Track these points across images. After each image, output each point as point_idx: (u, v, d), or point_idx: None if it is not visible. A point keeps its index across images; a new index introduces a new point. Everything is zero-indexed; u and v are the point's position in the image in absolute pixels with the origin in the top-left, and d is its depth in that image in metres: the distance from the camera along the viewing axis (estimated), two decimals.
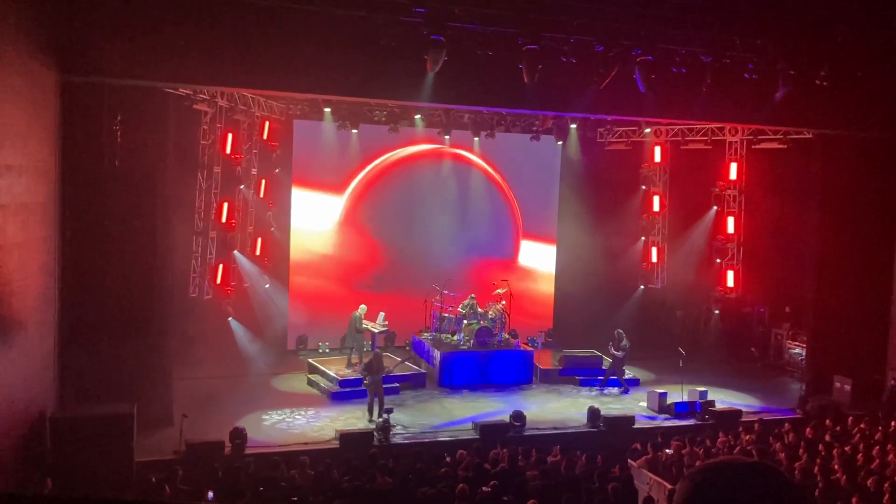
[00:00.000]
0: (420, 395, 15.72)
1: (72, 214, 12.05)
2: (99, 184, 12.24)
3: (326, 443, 12.52)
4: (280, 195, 18.77)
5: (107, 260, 12.50)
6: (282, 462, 10.59)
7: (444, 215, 19.62)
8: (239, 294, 17.78)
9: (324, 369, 16.27)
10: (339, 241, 19.14)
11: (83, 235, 12.28)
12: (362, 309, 16.47)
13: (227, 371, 16.48)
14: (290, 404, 14.78)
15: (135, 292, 12.81)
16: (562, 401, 15.82)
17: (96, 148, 12.13)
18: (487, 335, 16.94)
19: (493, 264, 20.07)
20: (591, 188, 20.26)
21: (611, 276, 20.45)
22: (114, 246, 12.54)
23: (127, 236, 12.65)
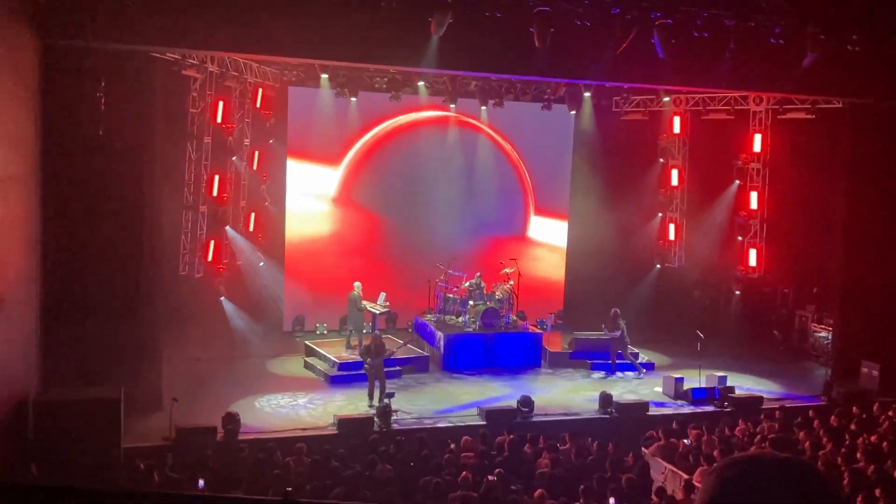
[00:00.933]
0: (423, 379, 15.76)
1: (54, 187, 12.02)
2: (82, 154, 12.17)
3: (324, 429, 12.59)
4: (274, 167, 18.74)
5: (92, 236, 12.48)
6: (277, 449, 10.65)
7: (449, 189, 19.56)
8: (232, 272, 17.79)
9: (322, 352, 16.32)
10: (337, 216, 19.13)
11: (66, 210, 12.25)
12: (358, 287, 16.49)
13: (219, 353, 16.46)
14: (287, 388, 14.83)
15: (122, 270, 12.80)
16: (572, 385, 15.88)
17: (79, 116, 12.04)
18: (494, 317, 16.96)
19: (500, 242, 20.05)
20: (605, 161, 20.15)
21: (625, 254, 20.40)
22: (99, 221, 12.51)
23: (113, 211, 12.60)
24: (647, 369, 16.73)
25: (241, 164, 18.12)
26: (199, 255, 17.01)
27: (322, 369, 15.75)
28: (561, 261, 20.86)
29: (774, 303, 19.74)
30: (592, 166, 20.25)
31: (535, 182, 20.45)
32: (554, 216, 20.68)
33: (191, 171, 16.68)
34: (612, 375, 16.48)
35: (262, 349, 17.11)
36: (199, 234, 17.08)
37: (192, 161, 16.66)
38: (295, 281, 18.79)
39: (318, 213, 18.95)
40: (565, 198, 20.70)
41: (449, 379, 15.97)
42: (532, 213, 20.58)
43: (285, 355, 17.06)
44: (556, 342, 17.94)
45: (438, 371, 16.35)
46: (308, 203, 18.83)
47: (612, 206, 20.14)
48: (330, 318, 18.81)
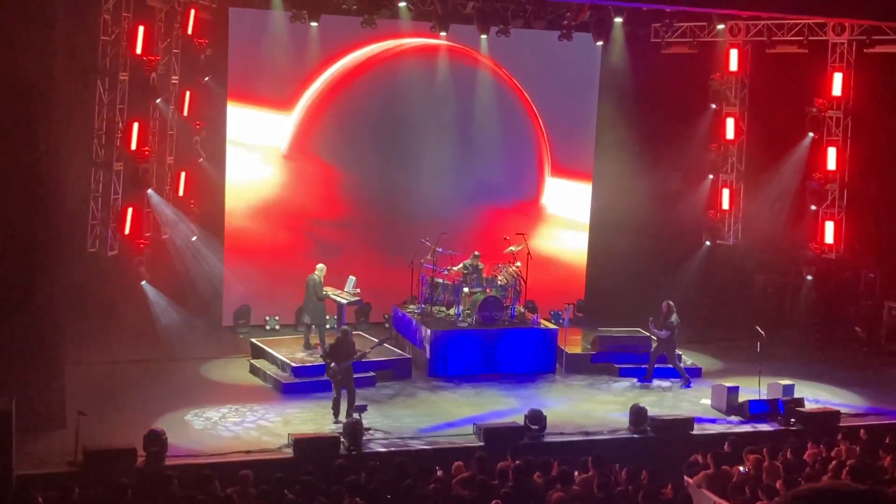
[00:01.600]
0: (404, 388, 15.93)
1: None
2: None
3: (276, 451, 12.72)
4: (211, 113, 18.68)
5: None
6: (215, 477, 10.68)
7: (438, 142, 19.57)
8: (155, 249, 17.78)
9: (272, 352, 16.38)
10: (292, 177, 19.11)
11: None
12: (321, 270, 16.50)
13: (139, 354, 16.56)
14: (227, 399, 14.92)
15: (11, 247, 12.75)
16: (595, 397, 16.00)
17: None
18: (496, 308, 16.99)
19: (505, 211, 20.09)
20: (640, 107, 20.15)
21: (665, 227, 20.46)
22: None
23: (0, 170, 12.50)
24: (692, 376, 16.87)
25: (168, 109, 18.03)
26: (112, 226, 16.96)
27: (273, 375, 15.80)
28: (583, 236, 20.92)
29: (857, 291, 19.82)
30: (624, 114, 20.26)
31: (550, 134, 20.45)
32: (575, 178, 20.73)
33: (102, 117, 16.57)
34: (648, 384, 16.63)
35: (195, 349, 17.16)
36: (114, 200, 17.00)
37: (105, 105, 16.55)
38: (238, 261, 18.81)
39: (267, 172, 18.93)
40: (589, 155, 20.71)
41: (437, 388, 16.11)
42: (547, 174, 20.63)
43: (225, 357, 17.18)
44: (574, 341, 18.03)
45: (423, 378, 16.53)
46: (255, 160, 18.81)
47: (649, 166, 20.17)
48: (283, 309, 18.85)
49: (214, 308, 18.79)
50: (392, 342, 17.12)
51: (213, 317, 18.70)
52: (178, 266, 18.26)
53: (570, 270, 20.81)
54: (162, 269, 17.81)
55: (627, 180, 20.13)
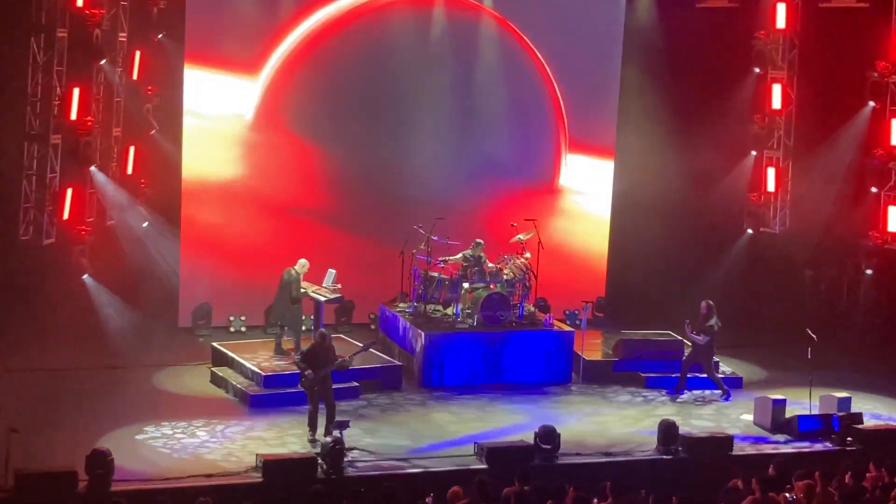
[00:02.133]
0: (393, 401, 15.95)
1: None
2: None
3: (242, 475, 12.67)
4: (166, 77, 18.66)
5: None
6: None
7: (434, 112, 19.53)
8: (100, 237, 17.79)
9: (238, 358, 16.36)
10: (261, 154, 19.11)
11: None
12: (302, 266, 16.48)
13: (80, 360, 16.53)
14: (185, 413, 14.86)
15: None
16: (618, 411, 16.02)
17: None
18: (501, 307, 17.01)
19: (512, 193, 20.04)
20: (671, 71, 20.10)
21: (700, 213, 20.44)
22: None
23: None
24: (731, 387, 16.86)
25: (115, 72, 17.96)
26: (49, 210, 16.89)
27: (238, 385, 15.77)
28: (603, 223, 20.89)
29: None
30: (652, 80, 20.24)
31: (566, 102, 20.42)
32: (594, 154, 20.74)
33: (36, 81, 16.50)
34: (679, 396, 16.66)
35: (146, 354, 17.15)
36: (50, 180, 16.94)
37: (39, 67, 16.46)
38: (197, 251, 18.80)
39: (231, 147, 18.94)
40: (611, 127, 20.69)
41: (432, 400, 16.13)
42: (563, 149, 20.61)
43: (182, 364, 17.17)
44: (594, 345, 18.06)
45: (416, 388, 16.56)
46: (217, 133, 18.79)
47: (682, 141, 20.15)
48: (250, 307, 18.87)
49: (169, 306, 18.77)
50: (379, 347, 17.08)
51: (167, 317, 18.68)
52: (127, 257, 18.29)
53: (588, 262, 20.77)
54: (107, 261, 17.79)
55: (656, 158, 20.14)
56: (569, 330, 17.80)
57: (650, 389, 16.88)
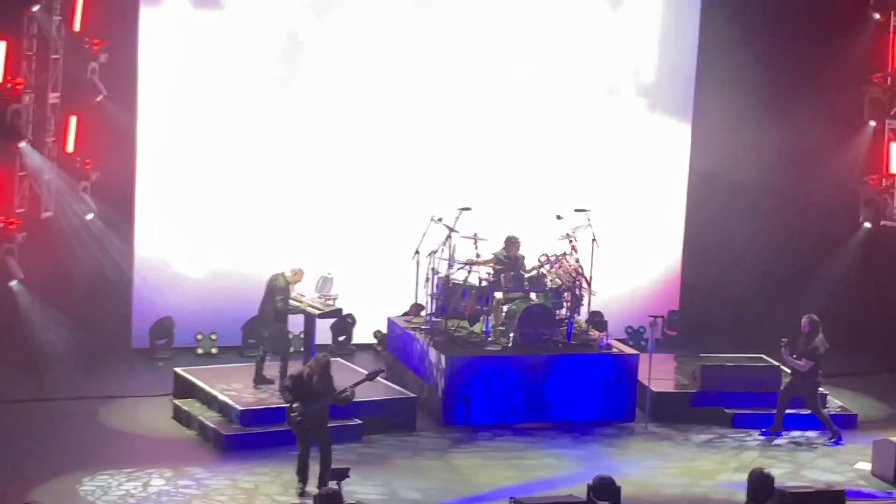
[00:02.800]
0: (406, 444, 15.91)
1: None
2: None
3: None
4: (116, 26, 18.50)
5: None
6: None
7: (454, 62, 19.65)
8: (33, 233, 17.64)
9: (207, 388, 16.31)
10: (239, 121, 19.20)
11: None
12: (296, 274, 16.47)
13: (9, 390, 16.53)
14: (139, 458, 14.86)
15: None
16: (696, 457, 15.98)
17: None
18: (544, 323, 16.90)
19: (557, 174, 20.03)
20: (766, 18, 20.09)
21: (801, 201, 20.46)
22: None
23: None
24: (843, 427, 16.72)
25: (51, 22, 17.78)
26: None
27: (208, 422, 15.69)
28: (677, 214, 20.94)
29: None
30: (741, 29, 20.16)
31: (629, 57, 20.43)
32: (665, 116, 20.76)
33: None
34: (776, 437, 16.54)
35: (91, 383, 17.20)
36: None
37: None
38: (156, 250, 18.94)
39: (201, 114, 19.04)
40: (687, 91, 20.71)
41: (455, 444, 16.09)
42: (626, 111, 20.56)
43: (136, 395, 17.22)
44: (665, 372, 17.97)
45: (435, 427, 16.57)
46: (182, 97, 18.93)
47: (777, 109, 20.15)
48: (223, 323, 18.95)
49: (121, 322, 18.82)
50: (387, 374, 16.93)
51: (118, 335, 18.72)
52: (66, 258, 18.21)
53: (656, 266, 20.79)
54: (42, 263, 17.75)
55: (743, 130, 20.13)
56: (632, 353, 17.62)
57: (737, 430, 16.78)
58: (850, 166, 20.76)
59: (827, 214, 20.65)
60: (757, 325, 18.67)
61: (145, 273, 18.86)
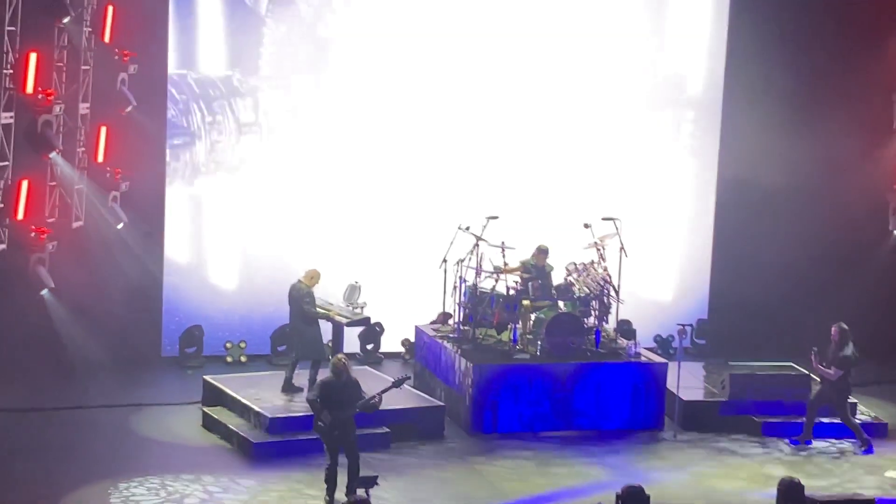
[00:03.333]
0: (434, 451, 15.96)
1: None
2: None
3: None
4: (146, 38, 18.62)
5: None
6: None
7: (479, 65, 19.67)
8: (64, 242, 17.65)
9: (237, 396, 16.35)
10: (267, 130, 19.35)
11: None
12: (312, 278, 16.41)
13: (40, 399, 16.67)
14: (169, 466, 14.84)
15: None
16: (725, 465, 15.96)
17: None
18: (572, 331, 16.92)
19: (586, 180, 20.07)
20: (797, 22, 20.05)
21: (832, 209, 20.37)
22: None
23: None
24: (873, 435, 16.71)
25: (81, 33, 17.91)
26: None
27: (237, 430, 15.75)
28: (705, 221, 20.91)
29: None
30: (771, 33, 20.13)
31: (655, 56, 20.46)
32: (693, 123, 20.79)
33: None
34: (806, 446, 16.52)
35: (122, 391, 17.25)
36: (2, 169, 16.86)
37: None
38: (186, 259, 19.09)
39: (231, 126, 19.19)
40: (716, 90, 20.69)
41: (483, 452, 16.06)
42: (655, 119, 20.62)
43: (166, 403, 17.28)
44: (693, 381, 17.88)
45: (463, 436, 16.58)
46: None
47: (808, 116, 20.06)
48: (252, 331, 19.06)
49: (151, 330, 18.91)
50: (414, 382, 17.01)
51: (148, 343, 18.81)
52: (97, 268, 18.29)
53: (685, 274, 20.79)
54: (72, 273, 17.77)
55: (773, 137, 19.96)
56: (661, 361, 17.62)
57: (767, 438, 16.76)
58: (880, 174, 20.74)
59: (856, 222, 20.62)
60: (786, 334, 18.64)
61: (175, 282, 18.95)
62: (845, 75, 20.35)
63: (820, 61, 20.25)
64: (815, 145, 20.04)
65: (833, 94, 20.24)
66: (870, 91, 20.48)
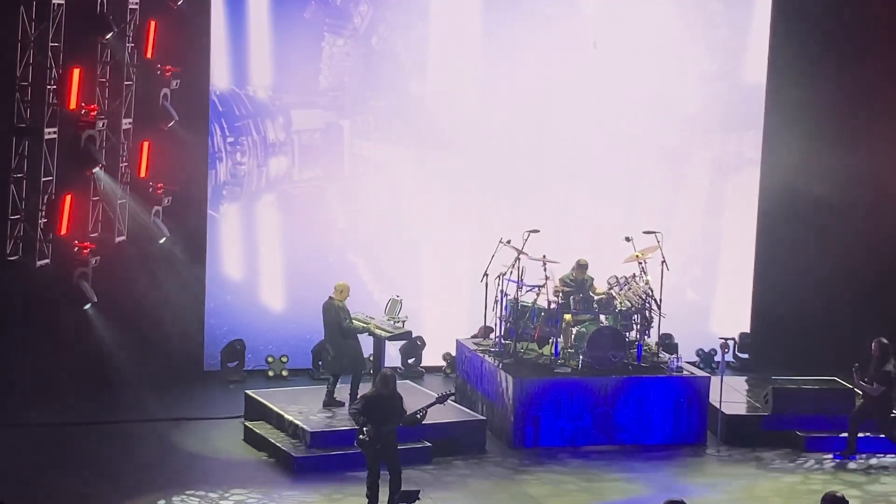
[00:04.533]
0: (476, 465, 15.98)
1: None
2: None
3: None
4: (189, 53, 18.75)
5: None
6: None
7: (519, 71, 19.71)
8: (107, 257, 17.67)
9: (278, 411, 16.37)
10: (312, 149, 19.44)
11: None
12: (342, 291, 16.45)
13: (81, 413, 16.77)
14: (212, 481, 14.95)
15: None
16: (768, 481, 15.87)
17: None
18: (614, 345, 16.91)
19: (626, 196, 20.13)
20: (842, 29, 19.98)
21: (877, 221, 20.28)
22: None
23: None
24: None
25: (124, 50, 17.99)
26: (43, 223, 16.89)
27: (279, 445, 15.79)
28: (748, 232, 20.81)
29: None
30: (814, 39, 20.09)
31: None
32: (735, 135, 20.75)
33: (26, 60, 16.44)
34: (850, 461, 16.43)
35: (164, 405, 17.34)
36: (45, 184, 16.94)
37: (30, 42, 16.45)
38: (228, 274, 19.20)
39: (274, 139, 19.31)
40: (758, 106, 20.59)
41: (525, 466, 16.07)
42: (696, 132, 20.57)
43: (208, 417, 17.38)
44: (736, 396, 17.88)
45: (504, 450, 16.55)
46: (255, 119, 19.24)
47: (849, 127, 20.00)
48: (294, 345, 19.15)
49: (193, 345, 19.00)
50: (456, 397, 16.97)
51: (190, 357, 18.89)
52: (139, 282, 18.38)
53: (728, 287, 20.70)
54: (115, 287, 17.86)
55: (815, 149, 19.92)
56: (703, 375, 17.58)
57: (810, 453, 16.70)
58: None
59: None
60: (830, 347, 18.51)
61: (216, 295, 19.06)
62: (889, 86, 20.24)
63: (864, 72, 20.15)
64: (858, 157, 20.01)
65: (877, 105, 20.18)
66: None
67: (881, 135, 20.11)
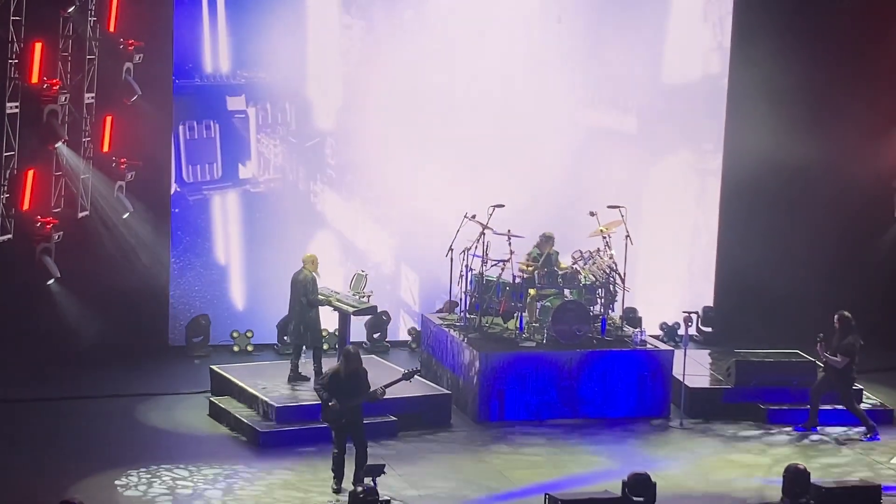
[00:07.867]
0: (440, 440, 16.02)
1: None
2: None
3: None
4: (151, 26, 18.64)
5: None
6: None
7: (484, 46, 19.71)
8: (69, 232, 17.67)
9: (243, 386, 16.42)
10: (271, 126, 19.37)
11: None
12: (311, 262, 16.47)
13: (46, 388, 16.76)
14: (177, 455, 14.95)
15: None
16: (731, 452, 16.00)
17: None
18: (578, 319, 16.98)
19: (591, 169, 20.13)
20: (802, 9, 20.04)
21: (837, 198, 20.35)
22: None
23: None
24: (878, 422, 16.71)
25: (87, 23, 17.91)
26: (5, 199, 16.86)
27: (245, 419, 15.84)
28: (710, 209, 20.92)
29: None
30: (774, 20, 20.11)
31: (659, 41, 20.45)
32: (699, 110, 20.77)
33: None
34: (812, 433, 16.60)
35: (128, 381, 17.33)
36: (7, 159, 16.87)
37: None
38: (192, 248, 19.13)
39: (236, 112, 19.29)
40: (718, 83, 20.61)
41: (490, 440, 16.13)
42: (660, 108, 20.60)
43: (173, 392, 17.36)
44: (699, 369, 17.96)
45: (469, 424, 16.63)
46: (216, 96, 19.15)
47: (812, 103, 20.06)
48: (259, 320, 19.15)
49: (157, 320, 19.00)
50: (423, 372, 17.01)
51: (154, 333, 18.90)
52: (103, 257, 18.36)
53: (691, 262, 20.85)
54: (79, 263, 17.82)
55: (779, 127, 19.94)
56: (666, 349, 17.72)
57: (773, 425, 16.81)
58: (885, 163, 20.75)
59: (862, 210, 20.68)
60: (792, 321, 18.68)
61: (180, 270, 19.04)
62: (850, 65, 20.34)
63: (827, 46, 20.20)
64: (820, 134, 20.09)
65: (838, 83, 20.24)
66: (875, 81, 20.46)
67: (841, 113, 20.20)
